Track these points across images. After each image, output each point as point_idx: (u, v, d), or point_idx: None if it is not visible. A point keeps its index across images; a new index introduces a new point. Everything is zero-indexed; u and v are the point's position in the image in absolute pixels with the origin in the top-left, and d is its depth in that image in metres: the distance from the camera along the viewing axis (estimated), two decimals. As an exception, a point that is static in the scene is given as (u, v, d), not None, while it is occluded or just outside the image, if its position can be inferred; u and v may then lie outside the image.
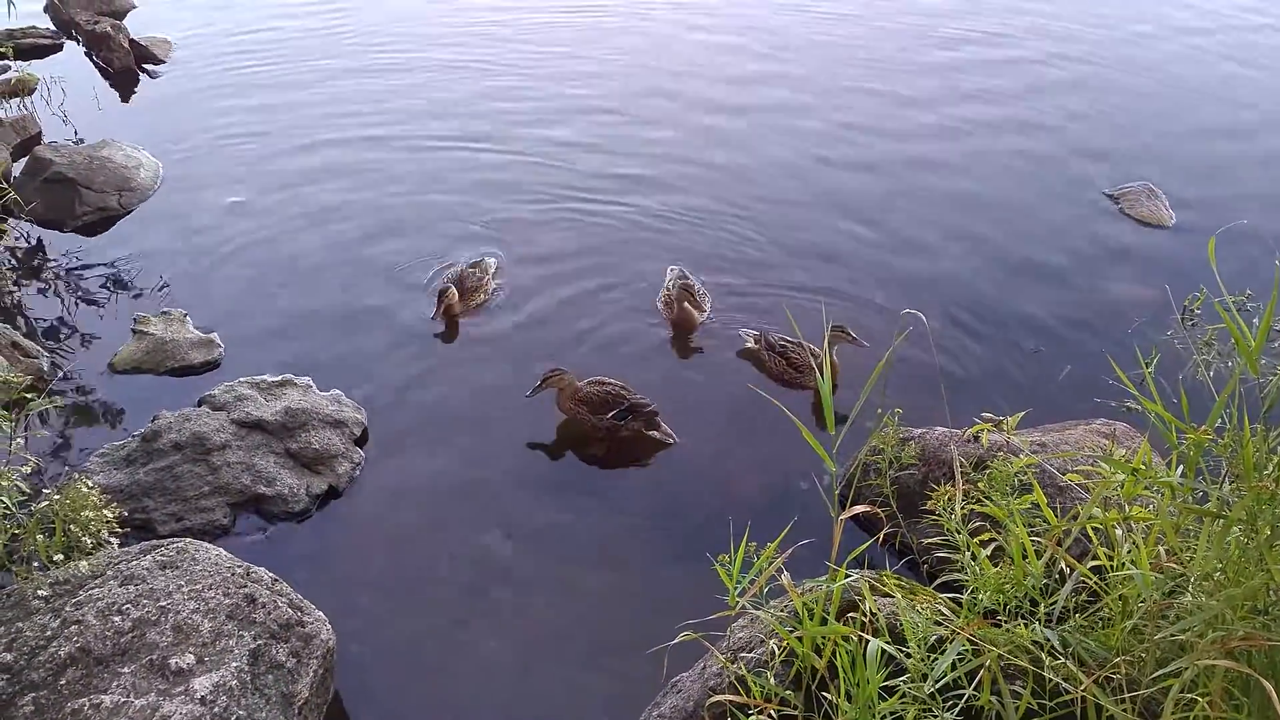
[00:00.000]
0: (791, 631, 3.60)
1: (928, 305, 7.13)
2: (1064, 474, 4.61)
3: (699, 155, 9.60)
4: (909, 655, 3.32)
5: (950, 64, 12.02)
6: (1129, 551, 3.50)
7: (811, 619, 3.54)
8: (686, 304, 6.92)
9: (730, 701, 3.54)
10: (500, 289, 7.43)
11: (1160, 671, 3.03)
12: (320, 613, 4.38)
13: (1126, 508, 3.61)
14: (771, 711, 3.47)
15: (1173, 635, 3.09)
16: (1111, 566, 3.52)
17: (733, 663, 3.78)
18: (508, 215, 8.51)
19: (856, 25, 13.38)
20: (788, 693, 3.56)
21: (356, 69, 11.61)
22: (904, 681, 3.30)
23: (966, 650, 3.27)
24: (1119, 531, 3.58)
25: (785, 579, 3.69)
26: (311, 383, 6.30)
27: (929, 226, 8.45)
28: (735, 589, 3.62)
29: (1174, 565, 3.32)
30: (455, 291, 6.97)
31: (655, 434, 6.09)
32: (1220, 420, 3.18)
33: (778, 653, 3.66)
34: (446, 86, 11.11)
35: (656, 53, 12.45)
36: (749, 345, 6.87)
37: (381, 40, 12.53)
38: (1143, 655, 3.19)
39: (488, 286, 7.30)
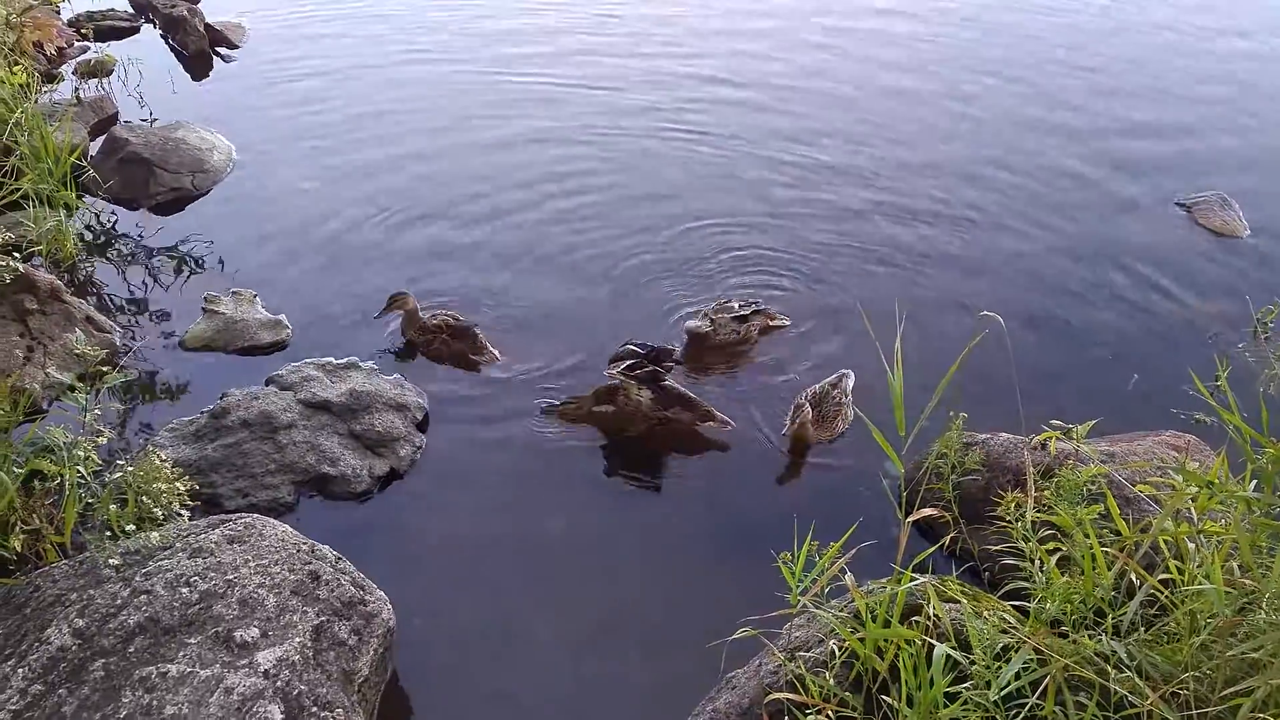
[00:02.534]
0: (853, 632, 3.59)
1: (995, 309, 7.01)
2: (1133, 485, 4.55)
3: (760, 160, 9.58)
4: (973, 662, 3.30)
5: (1019, 69, 11.87)
6: (1200, 566, 3.45)
7: (874, 620, 3.52)
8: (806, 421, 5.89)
9: (789, 700, 3.54)
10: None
11: (1230, 690, 2.99)
12: (381, 592, 4.43)
13: (1199, 521, 3.56)
14: (830, 712, 3.47)
15: (1244, 653, 3.04)
16: (1181, 581, 3.48)
17: (790, 661, 3.78)
18: (580, 211, 8.53)
19: (914, 24, 13.29)
20: (847, 694, 3.55)
21: (434, 55, 11.70)
22: (966, 688, 3.28)
23: (1031, 659, 3.25)
24: (1190, 545, 3.54)
25: (849, 579, 3.67)
26: (376, 366, 6.37)
27: (998, 232, 8.36)
28: (798, 587, 3.62)
29: (1247, 582, 3.27)
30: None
31: (711, 424, 6.06)
32: (1300, 435, 3.14)
33: (838, 653, 3.66)
34: (531, 73, 11.14)
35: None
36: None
37: (461, 25, 12.59)
38: (1211, 672, 3.14)
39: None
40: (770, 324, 6.94)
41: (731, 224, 8.37)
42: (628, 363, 5.96)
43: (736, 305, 6.81)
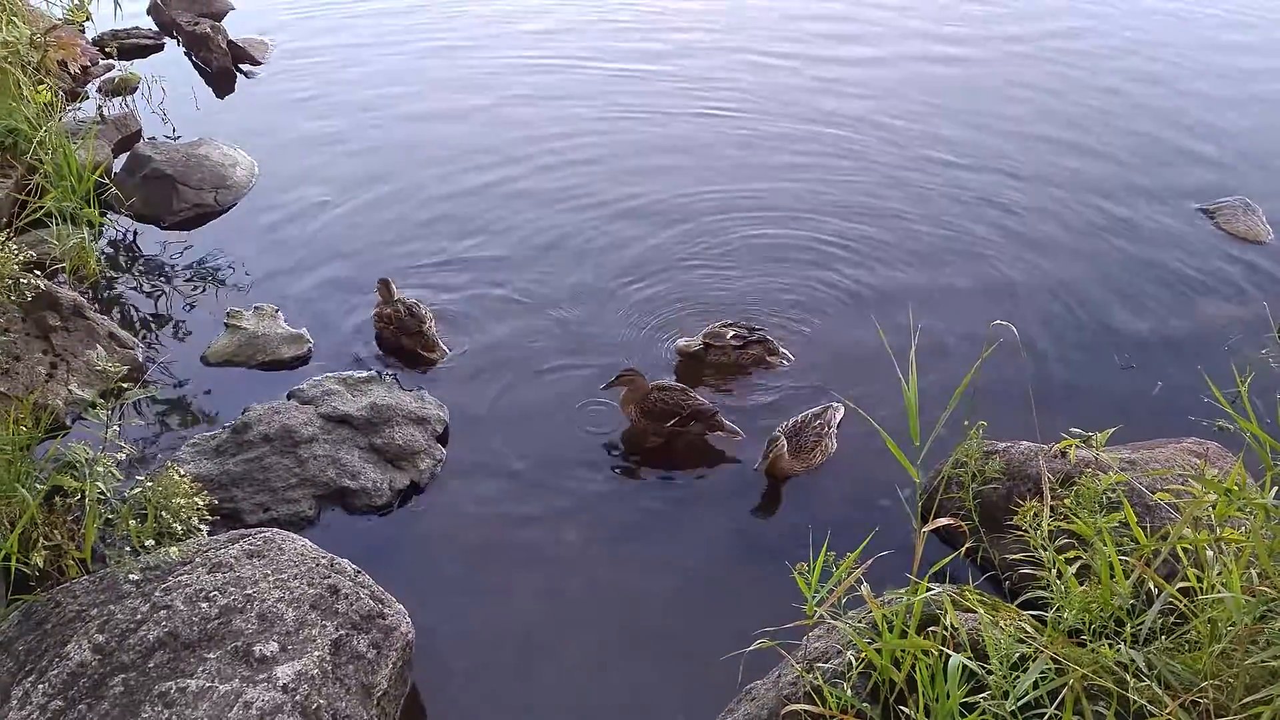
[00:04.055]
0: (870, 643, 3.58)
1: (1016, 317, 6.99)
2: (1153, 493, 4.51)
3: (784, 168, 9.58)
4: (990, 672, 3.28)
5: (1041, 79, 11.80)
6: (1219, 574, 3.42)
7: (891, 631, 3.51)
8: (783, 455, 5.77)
9: (806, 712, 3.52)
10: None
11: (1250, 698, 2.96)
12: (400, 605, 4.44)
13: (1218, 529, 3.53)
14: (847, 723, 3.45)
15: (1264, 661, 3.02)
16: (1201, 589, 3.45)
17: (808, 672, 3.76)
18: (583, 231, 8.50)
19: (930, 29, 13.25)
20: (864, 705, 3.54)
21: (457, 73, 11.73)
22: (984, 698, 3.26)
23: (1049, 669, 3.22)
24: (1209, 553, 3.51)
25: (865, 590, 3.66)
26: (397, 380, 6.40)
27: (1019, 238, 8.31)
28: (814, 598, 3.61)
29: (1266, 589, 3.24)
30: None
31: (720, 434, 6.07)
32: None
33: (855, 664, 3.64)
34: (549, 91, 11.13)
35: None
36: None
37: (486, 41, 12.61)
38: (1231, 680, 3.11)
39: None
40: (767, 357, 6.75)
41: (752, 217, 8.51)
42: (674, 420, 6.00)
43: (729, 334, 6.62)
